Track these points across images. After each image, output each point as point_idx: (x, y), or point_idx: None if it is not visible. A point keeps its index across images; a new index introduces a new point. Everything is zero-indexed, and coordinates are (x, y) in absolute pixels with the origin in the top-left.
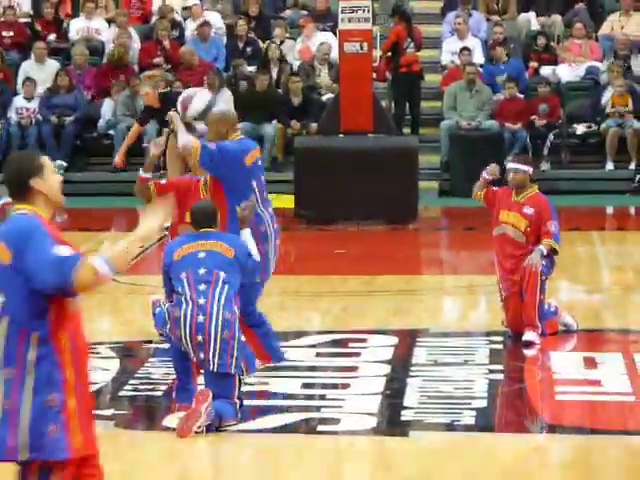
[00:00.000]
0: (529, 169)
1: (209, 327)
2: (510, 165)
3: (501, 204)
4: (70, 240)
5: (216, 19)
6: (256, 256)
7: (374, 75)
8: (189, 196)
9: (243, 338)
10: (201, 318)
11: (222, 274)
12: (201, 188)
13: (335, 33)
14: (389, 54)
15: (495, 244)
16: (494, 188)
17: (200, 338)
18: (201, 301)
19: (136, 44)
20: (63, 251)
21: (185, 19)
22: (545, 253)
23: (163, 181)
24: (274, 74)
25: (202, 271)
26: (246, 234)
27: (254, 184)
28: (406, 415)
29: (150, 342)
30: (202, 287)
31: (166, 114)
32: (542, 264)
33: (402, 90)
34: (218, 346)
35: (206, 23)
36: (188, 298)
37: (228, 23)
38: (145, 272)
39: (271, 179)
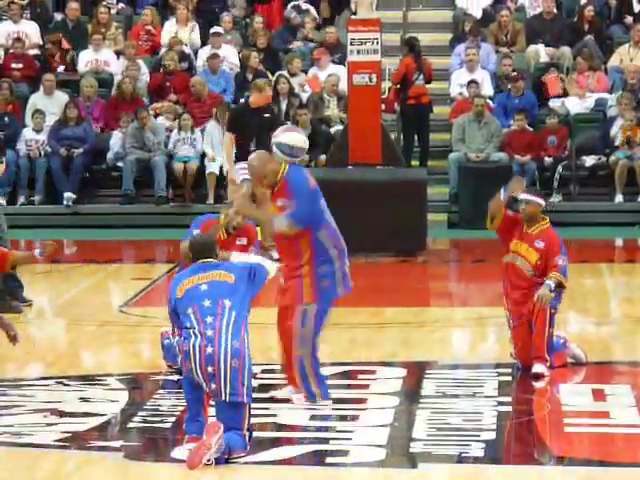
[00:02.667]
0: (541, 202)
1: (218, 358)
2: (522, 196)
3: (514, 233)
4: (79, 272)
5: (230, 53)
6: (262, 262)
7: (383, 107)
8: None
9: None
10: (210, 350)
11: (227, 302)
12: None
13: (344, 65)
14: (398, 86)
15: (504, 272)
16: (510, 212)
17: (210, 369)
18: (209, 333)
19: (145, 76)
20: None
21: (195, 51)
22: (553, 287)
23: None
24: (283, 106)
25: (207, 303)
26: (234, 256)
27: None
28: (415, 447)
29: (159, 374)
30: (209, 319)
31: (268, 112)
32: (552, 297)
33: (411, 122)
34: (229, 376)
35: (216, 55)
36: (196, 331)
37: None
38: (154, 304)
39: None
